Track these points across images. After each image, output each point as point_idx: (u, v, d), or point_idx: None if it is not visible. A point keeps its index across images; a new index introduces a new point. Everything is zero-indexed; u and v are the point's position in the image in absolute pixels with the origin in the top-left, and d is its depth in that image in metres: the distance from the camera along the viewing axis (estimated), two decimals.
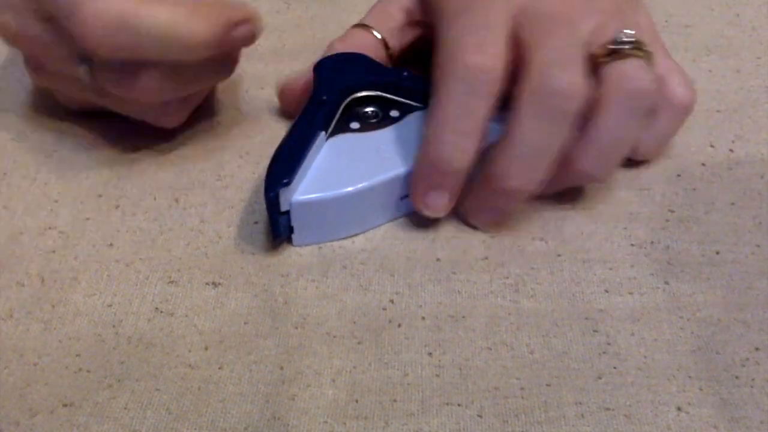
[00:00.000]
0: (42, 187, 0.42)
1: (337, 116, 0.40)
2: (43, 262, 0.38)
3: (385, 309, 0.36)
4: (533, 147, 0.36)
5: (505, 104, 0.36)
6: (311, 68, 0.42)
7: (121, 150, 0.44)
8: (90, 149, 0.44)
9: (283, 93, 0.45)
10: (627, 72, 0.36)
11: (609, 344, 0.35)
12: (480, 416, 0.32)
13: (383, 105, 0.41)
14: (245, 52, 0.41)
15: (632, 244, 0.39)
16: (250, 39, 0.38)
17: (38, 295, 0.36)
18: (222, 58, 0.40)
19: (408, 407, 0.32)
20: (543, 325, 0.35)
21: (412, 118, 0.40)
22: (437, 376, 0.33)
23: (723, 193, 0.41)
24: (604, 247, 0.39)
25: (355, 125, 0.40)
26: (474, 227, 0.39)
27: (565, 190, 0.40)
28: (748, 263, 0.38)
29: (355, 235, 0.39)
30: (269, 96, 0.47)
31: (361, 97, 0.41)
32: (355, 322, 0.35)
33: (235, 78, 0.47)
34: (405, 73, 0.41)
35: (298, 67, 0.44)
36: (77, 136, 0.44)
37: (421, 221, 0.40)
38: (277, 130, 0.45)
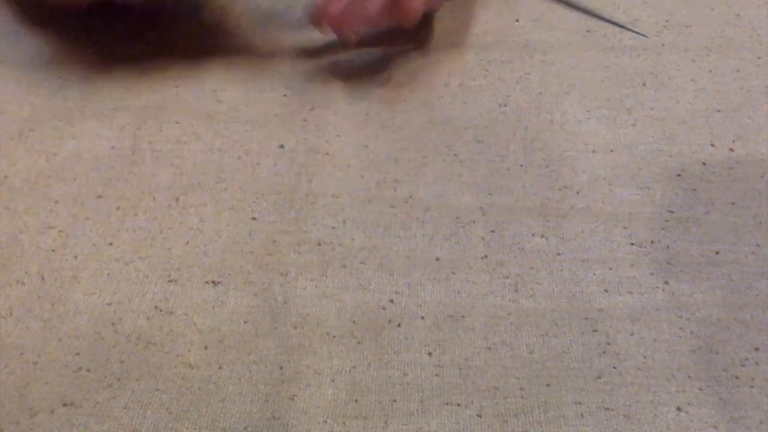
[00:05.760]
0: (42, 188, 0.42)
1: None
2: (43, 260, 0.38)
3: (384, 308, 0.36)
4: None
5: None
6: None
7: (121, 150, 0.44)
8: (90, 150, 0.44)
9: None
10: None
11: (608, 344, 0.35)
12: (480, 416, 0.32)
13: None
14: (245, 52, 0.41)
15: (632, 244, 0.39)
16: None
17: (38, 293, 0.36)
18: None
19: (408, 407, 0.32)
20: (542, 324, 0.35)
21: None
22: (437, 375, 0.33)
23: (723, 193, 0.41)
24: (604, 246, 0.39)
25: None
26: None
27: (564, 188, 0.40)
28: (748, 263, 0.38)
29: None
30: (268, 97, 0.47)
31: None
32: (354, 322, 0.35)
33: (234, 78, 0.48)
34: None
35: (300, 67, 0.44)
36: (77, 136, 0.44)
37: (420, 219, 0.40)
38: (277, 131, 0.45)
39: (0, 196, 0.41)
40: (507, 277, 0.37)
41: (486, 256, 0.38)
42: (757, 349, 0.34)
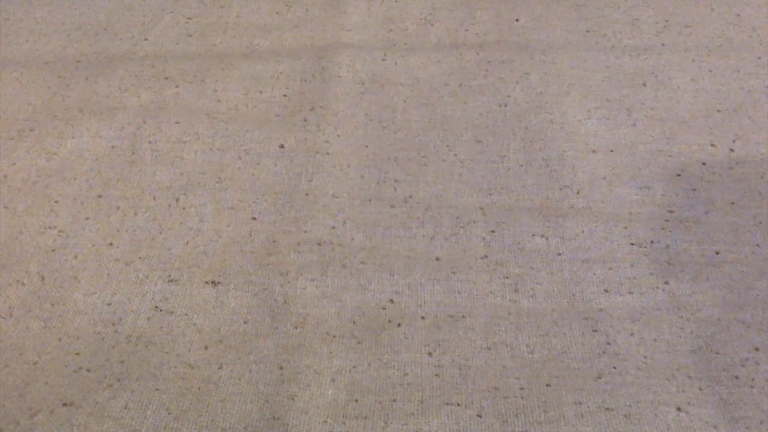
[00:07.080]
0: (42, 188, 0.42)
1: None
2: (43, 260, 0.38)
3: (384, 308, 0.36)
4: None
5: None
6: None
7: (121, 150, 0.44)
8: (90, 150, 0.44)
9: None
10: None
11: (609, 344, 0.35)
12: (480, 416, 0.32)
13: None
14: (245, 52, 0.41)
15: (632, 244, 0.39)
16: None
17: (38, 293, 0.36)
18: None
19: (408, 407, 0.32)
20: (543, 324, 0.35)
21: None
22: (437, 376, 0.33)
23: (723, 193, 0.41)
24: (604, 246, 0.39)
25: None
26: None
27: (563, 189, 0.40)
28: (748, 263, 0.38)
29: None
30: (268, 97, 0.47)
31: None
32: (354, 322, 0.35)
33: (234, 78, 0.48)
34: None
35: (299, 67, 0.44)
36: (77, 136, 0.44)
37: (420, 219, 0.40)
38: (277, 131, 0.45)
39: (0, 196, 0.41)
40: (507, 277, 0.37)
41: (486, 256, 0.38)
42: (757, 349, 0.34)
